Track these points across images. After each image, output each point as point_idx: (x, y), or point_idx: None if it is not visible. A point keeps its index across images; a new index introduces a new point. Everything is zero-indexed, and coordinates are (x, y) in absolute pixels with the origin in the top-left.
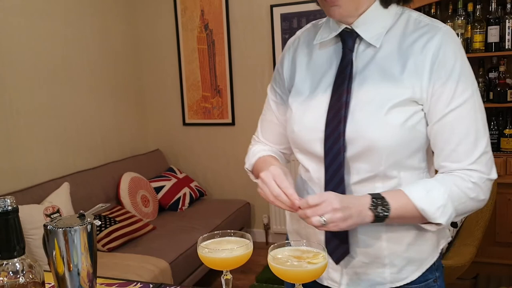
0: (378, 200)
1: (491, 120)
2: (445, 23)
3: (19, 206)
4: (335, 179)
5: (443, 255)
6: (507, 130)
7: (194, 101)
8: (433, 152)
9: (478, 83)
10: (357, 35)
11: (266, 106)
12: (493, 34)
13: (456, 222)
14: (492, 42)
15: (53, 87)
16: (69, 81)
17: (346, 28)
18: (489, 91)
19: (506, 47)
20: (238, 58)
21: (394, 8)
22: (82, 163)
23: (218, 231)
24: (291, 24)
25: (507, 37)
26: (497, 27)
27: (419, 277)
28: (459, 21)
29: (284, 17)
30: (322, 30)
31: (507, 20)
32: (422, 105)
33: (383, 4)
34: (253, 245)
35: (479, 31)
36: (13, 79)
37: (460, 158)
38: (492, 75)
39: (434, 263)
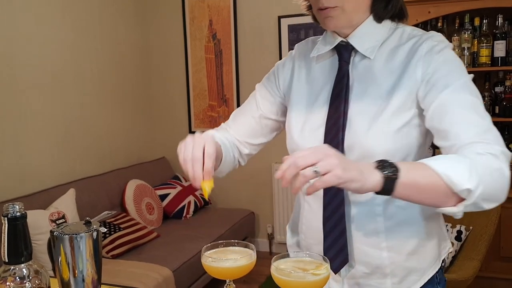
0: (385, 163)
1: None
2: (451, 37)
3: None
4: (334, 187)
5: (446, 268)
6: None
7: (200, 110)
8: (434, 146)
9: (484, 97)
10: (352, 48)
11: (248, 101)
12: (500, 48)
13: (460, 236)
14: (498, 57)
15: (62, 93)
16: (78, 88)
17: (342, 41)
18: (495, 105)
19: None
20: (245, 68)
21: (388, 24)
22: (88, 169)
23: (222, 241)
24: (298, 35)
25: None
26: (504, 41)
27: None
28: (466, 35)
29: (292, 28)
30: (319, 44)
31: None
32: (417, 109)
33: (377, 19)
34: (256, 255)
35: (486, 46)
36: (23, 85)
37: (469, 128)
38: (498, 89)
39: (436, 276)
